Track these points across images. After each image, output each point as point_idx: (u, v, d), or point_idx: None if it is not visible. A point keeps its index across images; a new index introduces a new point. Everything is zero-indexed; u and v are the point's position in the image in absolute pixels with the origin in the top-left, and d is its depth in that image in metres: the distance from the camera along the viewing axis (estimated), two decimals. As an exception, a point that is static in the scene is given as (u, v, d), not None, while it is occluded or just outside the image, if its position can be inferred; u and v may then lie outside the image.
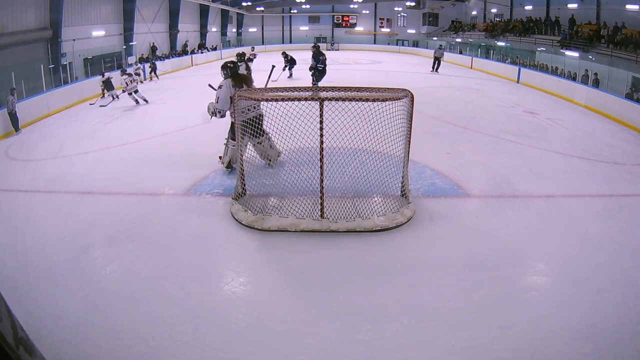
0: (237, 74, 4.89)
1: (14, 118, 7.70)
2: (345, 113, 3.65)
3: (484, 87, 11.70)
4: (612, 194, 4.55)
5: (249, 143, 4.65)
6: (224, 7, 24.49)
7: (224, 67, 4.91)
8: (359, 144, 3.69)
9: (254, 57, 13.48)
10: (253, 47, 16.61)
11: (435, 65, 15.37)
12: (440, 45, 16.89)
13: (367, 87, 4.29)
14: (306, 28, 30.60)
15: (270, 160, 4.87)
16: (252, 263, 3.26)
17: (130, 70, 10.70)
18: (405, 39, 28.86)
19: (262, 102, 4.27)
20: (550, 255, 3.33)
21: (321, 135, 3.60)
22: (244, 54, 7.83)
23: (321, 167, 3.63)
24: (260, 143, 4.75)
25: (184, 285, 2.88)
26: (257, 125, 4.46)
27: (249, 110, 4.50)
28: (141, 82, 13.05)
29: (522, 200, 4.26)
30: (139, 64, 13.91)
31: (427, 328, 2.50)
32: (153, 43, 18.80)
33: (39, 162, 5.77)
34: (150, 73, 14.45)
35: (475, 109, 8.70)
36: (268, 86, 5.26)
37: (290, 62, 12.88)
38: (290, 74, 12.79)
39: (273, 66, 5.73)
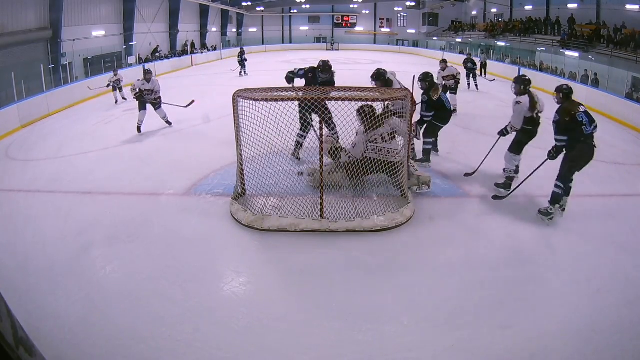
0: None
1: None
2: (345, 113, 3.65)
3: (484, 87, 11.69)
4: (612, 194, 4.55)
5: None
6: (224, 7, 24.52)
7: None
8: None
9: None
10: (469, 53, 12.09)
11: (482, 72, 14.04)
12: (482, 50, 15.38)
13: (367, 87, 4.30)
14: (306, 28, 30.63)
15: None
16: (251, 263, 3.26)
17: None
18: (405, 39, 28.90)
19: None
20: (550, 255, 3.33)
21: (321, 136, 3.61)
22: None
23: (321, 167, 3.63)
24: None
25: (184, 285, 2.88)
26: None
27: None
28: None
29: (523, 200, 4.26)
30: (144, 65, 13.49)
31: (427, 328, 2.49)
32: (158, 46, 18.72)
33: (39, 162, 5.76)
34: (242, 69, 13.40)
35: (476, 109, 8.70)
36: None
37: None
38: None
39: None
